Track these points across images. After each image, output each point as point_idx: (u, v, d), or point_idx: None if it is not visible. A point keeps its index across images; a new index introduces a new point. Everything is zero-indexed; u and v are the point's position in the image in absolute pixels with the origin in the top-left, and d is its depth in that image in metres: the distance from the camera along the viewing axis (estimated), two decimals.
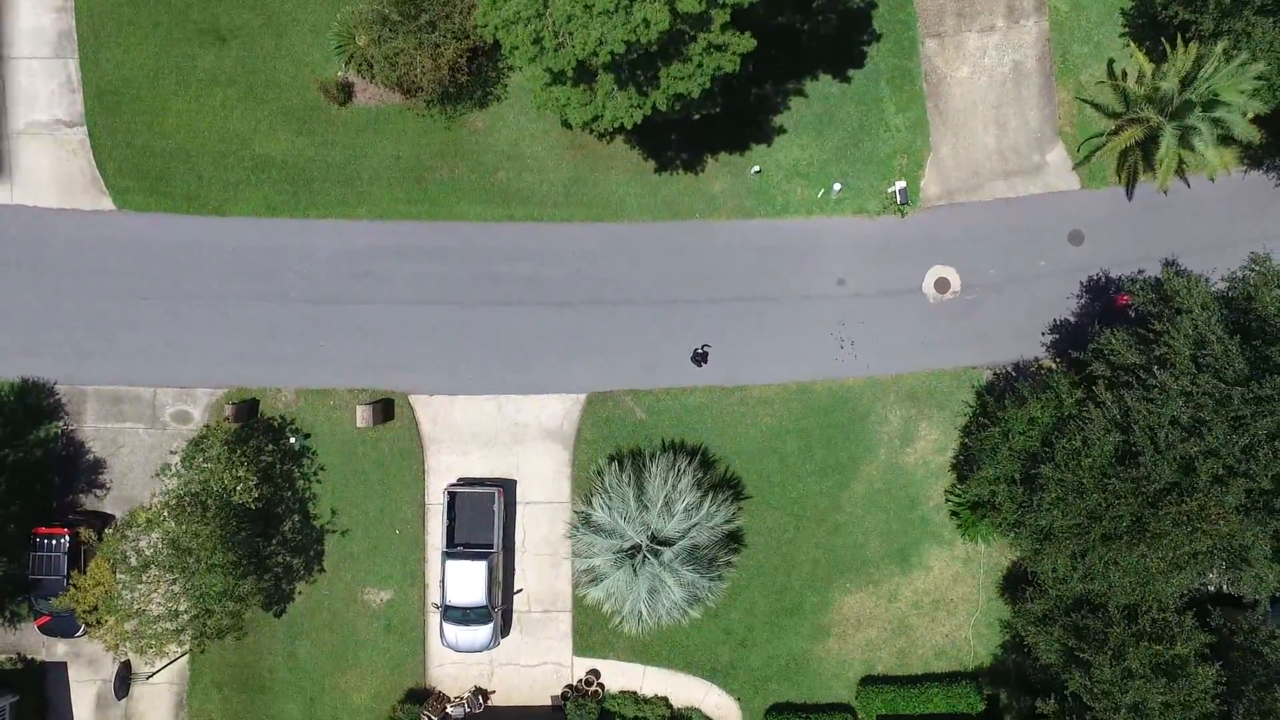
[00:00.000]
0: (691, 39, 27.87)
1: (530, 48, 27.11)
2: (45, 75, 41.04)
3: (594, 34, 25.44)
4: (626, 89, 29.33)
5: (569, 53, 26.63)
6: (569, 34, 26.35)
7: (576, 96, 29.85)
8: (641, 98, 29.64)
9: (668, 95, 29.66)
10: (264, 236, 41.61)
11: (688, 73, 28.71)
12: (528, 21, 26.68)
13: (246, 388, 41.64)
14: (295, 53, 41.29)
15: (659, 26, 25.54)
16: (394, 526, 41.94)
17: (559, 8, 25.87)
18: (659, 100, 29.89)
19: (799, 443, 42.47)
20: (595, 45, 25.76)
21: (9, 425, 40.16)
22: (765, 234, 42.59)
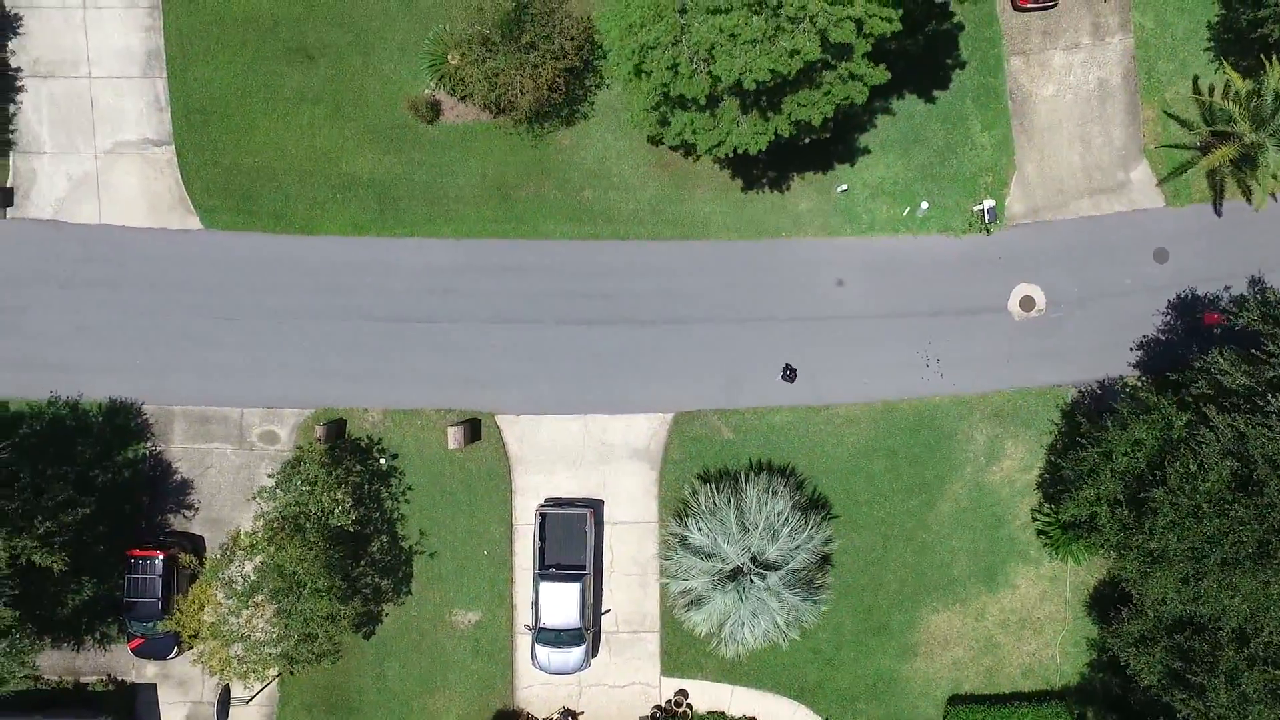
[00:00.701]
0: (829, 67, 27.72)
1: (665, 73, 26.87)
2: (133, 94, 40.80)
3: (739, 63, 25.23)
4: (750, 115, 29.16)
5: (702, 80, 26.42)
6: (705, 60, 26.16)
7: (701, 122, 29.65)
8: (764, 123, 29.47)
9: (789, 121, 29.52)
10: (350, 255, 41.41)
11: (814, 100, 28.55)
12: (666, 48, 26.45)
13: (333, 408, 41.44)
14: (383, 71, 41.11)
15: (807, 57, 25.40)
16: (481, 547, 41.76)
17: (700, 35, 25.64)
18: (780, 126, 29.74)
19: (886, 462, 42.37)
20: (740, 74, 25.55)
21: (98, 445, 39.92)
22: (851, 252, 42.48)
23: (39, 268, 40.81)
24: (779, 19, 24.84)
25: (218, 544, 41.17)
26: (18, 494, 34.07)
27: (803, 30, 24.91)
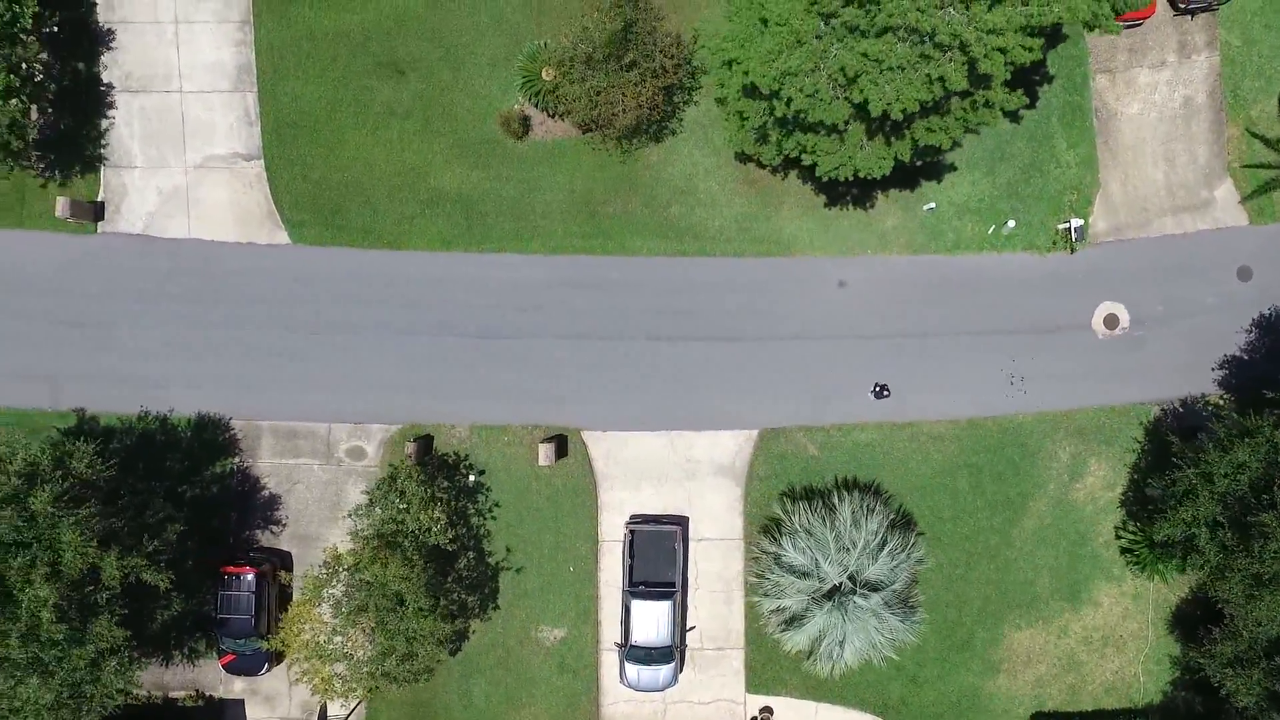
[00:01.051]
0: (967, 94, 27.71)
1: (803, 100, 26.75)
2: (224, 109, 40.73)
3: (888, 92, 25.09)
4: (875, 140, 29.12)
5: (842, 106, 26.30)
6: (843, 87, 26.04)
7: (824, 145, 29.57)
8: (887, 148, 29.47)
9: (914, 146, 29.50)
10: (437, 270, 41.35)
11: (945, 126, 28.54)
12: (806, 74, 26.32)
13: (420, 424, 41.36)
14: (472, 86, 41.05)
15: (955, 86, 25.34)
16: (567, 563, 41.70)
17: (844, 62, 25.50)
18: (902, 150, 29.72)
19: (970, 479, 42.36)
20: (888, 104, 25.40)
21: (186, 461, 39.81)
22: (936, 270, 42.46)
23: (129, 282, 40.72)
24: (924, 46, 24.77)
25: (305, 560, 41.26)
26: (121, 512, 33.94)
27: (949, 58, 24.83)
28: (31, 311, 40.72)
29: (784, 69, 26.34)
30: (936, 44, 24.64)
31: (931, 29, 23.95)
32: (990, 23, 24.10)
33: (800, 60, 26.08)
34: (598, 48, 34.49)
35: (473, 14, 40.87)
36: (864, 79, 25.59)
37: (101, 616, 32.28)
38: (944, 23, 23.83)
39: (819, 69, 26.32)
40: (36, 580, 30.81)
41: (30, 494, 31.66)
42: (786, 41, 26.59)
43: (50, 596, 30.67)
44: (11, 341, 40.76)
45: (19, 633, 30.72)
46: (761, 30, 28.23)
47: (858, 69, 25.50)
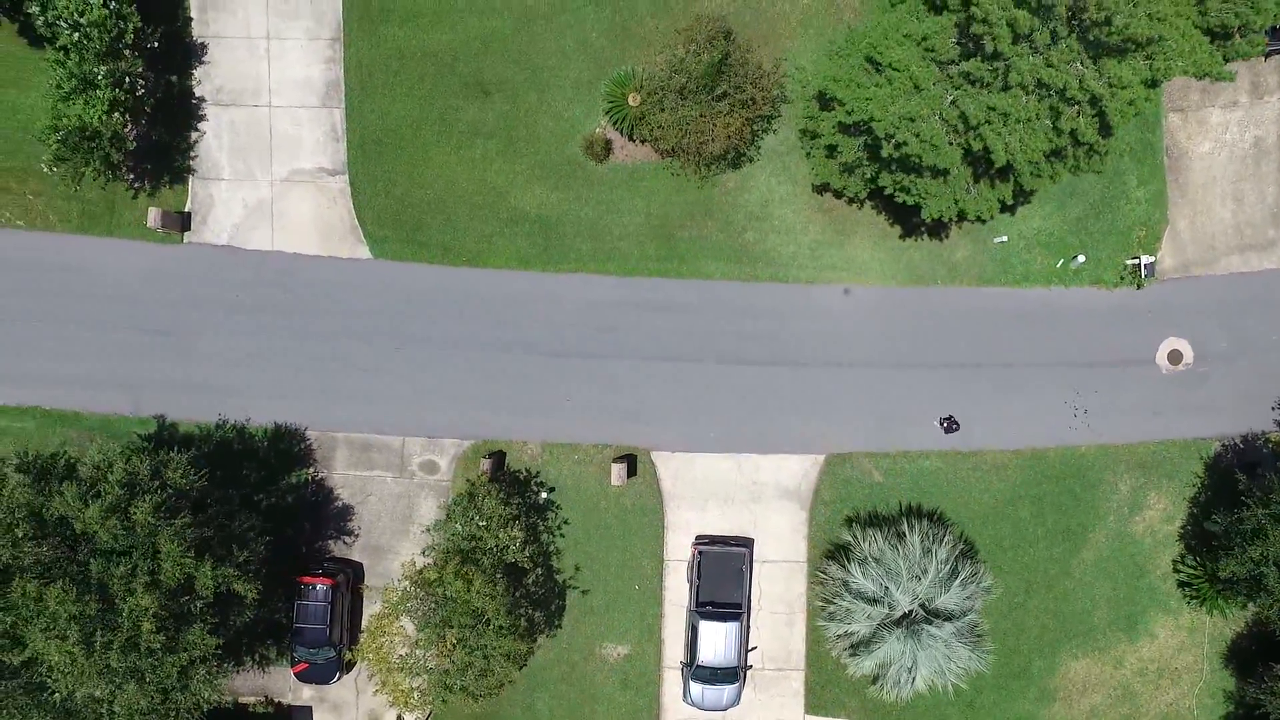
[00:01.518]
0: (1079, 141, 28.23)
1: (918, 145, 27.30)
2: (311, 124, 41.34)
3: (1012, 142, 25.61)
4: (981, 183, 29.64)
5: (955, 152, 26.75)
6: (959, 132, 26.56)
7: (929, 187, 30.13)
8: (991, 190, 29.98)
9: (1018, 189, 29.96)
10: (514, 288, 41.94)
11: (1053, 172, 29.07)
12: (924, 120, 26.86)
13: (493, 440, 41.92)
14: (556, 108, 41.63)
15: (1087, 139, 25.83)
16: (633, 581, 42.21)
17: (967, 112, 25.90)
18: (1005, 194, 30.24)
19: (1031, 509, 42.85)
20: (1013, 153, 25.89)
21: (262, 470, 40.40)
22: (1004, 301, 42.95)
23: (213, 292, 41.36)
24: (1052, 99, 25.31)
25: (375, 571, 41.84)
26: (211, 522, 34.48)
27: (1077, 112, 25.34)
28: (117, 319, 41.40)
29: (903, 113, 26.84)
30: (1066, 98, 25.17)
31: (1064, 84, 24.45)
32: (1122, 77, 24.60)
33: (919, 106, 26.58)
34: (692, 79, 35.02)
35: (559, 38, 41.51)
36: (986, 129, 26.12)
37: (195, 625, 32.83)
38: (1074, 78, 24.33)
39: (934, 114, 26.82)
40: (138, 589, 31.38)
41: (132, 503, 32.25)
42: (905, 87, 27.12)
43: (151, 605, 31.24)
44: (97, 348, 41.43)
45: (120, 642, 31.34)
46: (868, 71, 28.73)
47: (981, 118, 26.02)
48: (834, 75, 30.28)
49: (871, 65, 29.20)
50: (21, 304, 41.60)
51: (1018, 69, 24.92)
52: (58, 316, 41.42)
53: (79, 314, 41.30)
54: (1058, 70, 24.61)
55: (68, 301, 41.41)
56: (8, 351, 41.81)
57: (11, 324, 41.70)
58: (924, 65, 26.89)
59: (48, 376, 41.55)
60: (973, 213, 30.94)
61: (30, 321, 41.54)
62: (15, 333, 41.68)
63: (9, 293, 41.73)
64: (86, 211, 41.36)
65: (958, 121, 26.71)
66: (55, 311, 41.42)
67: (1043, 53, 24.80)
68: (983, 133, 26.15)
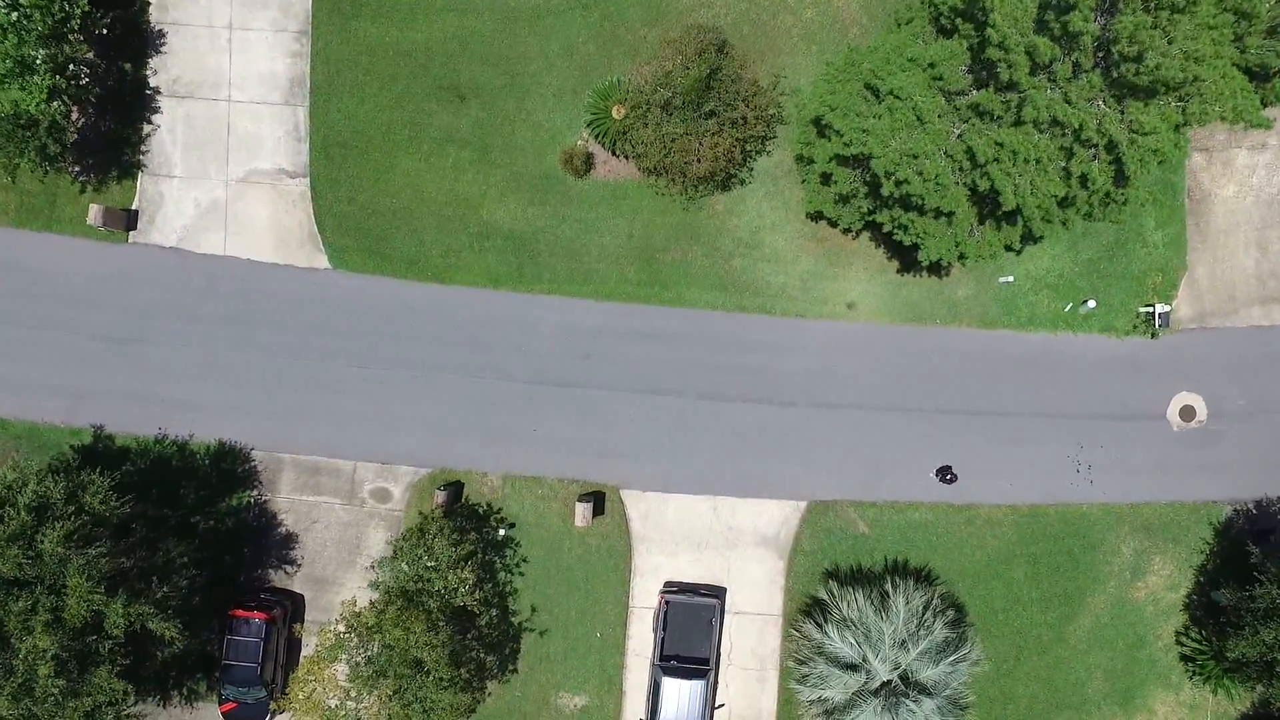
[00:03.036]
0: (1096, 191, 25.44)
1: (919, 183, 24.49)
2: (272, 122, 38.61)
3: (1022, 184, 22.83)
4: (986, 225, 26.83)
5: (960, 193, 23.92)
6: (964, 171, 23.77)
7: (929, 228, 27.33)
8: (996, 234, 27.20)
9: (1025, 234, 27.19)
10: (484, 308, 39.15)
11: (1064, 219, 26.26)
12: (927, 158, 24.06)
13: (452, 469, 39.13)
14: (535, 118, 38.87)
15: (1098, 187, 23.02)
16: (595, 628, 39.38)
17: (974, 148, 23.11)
18: (1011, 238, 27.46)
19: (1026, 569, 39.96)
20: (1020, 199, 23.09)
21: (202, 490, 37.64)
22: (1005, 345, 40.07)
23: (159, 297, 38.62)
24: (1066, 139, 22.49)
25: (318, 604, 39.05)
26: (131, 551, 31.69)
27: (1093, 156, 22.57)
28: (55, 321, 38.65)
29: (904, 150, 24.05)
30: (1082, 140, 22.36)
31: (1079, 124, 21.70)
32: (1145, 123, 21.89)
33: (923, 141, 23.79)
34: (678, 93, 32.29)
35: (542, 42, 38.77)
36: (994, 168, 23.33)
37: (102, 667, 29.94)
38: (1092, 118, 21.58)
39: (939, 151, 24.00)
40: (37, 628, 28.48)
41: (40, 531, 29.43)
42: (907, 119, 24.33)
43: (50, 647, 28.33)
44: (30, 350, 38.63)
45: (12, 688, 28.40)
46: (866, 99, 25.97)
47: (989, 156, 23.22)
48: (830, 102, 27.51)
49: (871, 92, 26.47)
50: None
51: (1034, 102, 22.13)
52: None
53: (11, 312, 38.55)
54: (1075, 108, 21.82)
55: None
56: None
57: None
58: (929, 95, 24.15)
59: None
60: (974, 257, 28.18)
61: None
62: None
63: None
64: (25, 204, 38.57)
65: (964, 158, 23.92)
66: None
67: (1062, 87, 22.03)
68: (990, 172, 23.37)
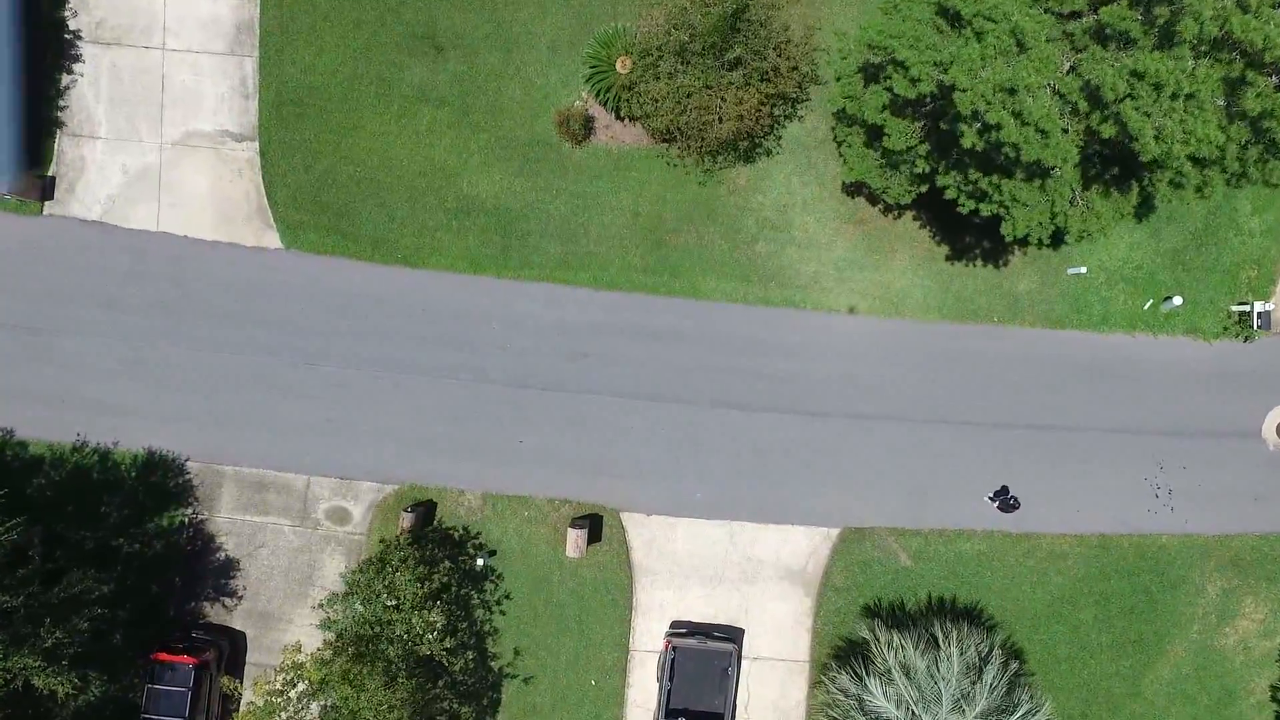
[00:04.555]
0: None
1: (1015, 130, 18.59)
2: (215, 75, 32.82)
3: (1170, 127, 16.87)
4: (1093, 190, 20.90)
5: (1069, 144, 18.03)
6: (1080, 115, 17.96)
7: (1025, 194, 21.47)
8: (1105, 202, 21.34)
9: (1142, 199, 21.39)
10: (461, 297, 33.37)
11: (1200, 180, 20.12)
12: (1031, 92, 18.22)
13: (423, 486, 33.34)
14: (526, 74, 33.13)
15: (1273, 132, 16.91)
16: (589, 675, 33.57)
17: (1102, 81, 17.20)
18: (1124, 207, 21.69)
19: (1095, 610, 34.22)
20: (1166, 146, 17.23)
21: (126, 508, 31.91)
22: (1076, 348, 34.38)
23: (79, 280, 32.85)
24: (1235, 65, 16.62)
25: (262, 644, 33.24)
26: (21, 585, 25.92)
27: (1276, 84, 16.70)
28: None
29: (999, 82, 18.16)
30: (1261, 64, 16.40)
31: (1263, 41, 15.84)
32: None
33: (1025, 72, 17.95)
34: (697, 36, 26.54)
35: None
36: (1127, 107, 17.48)
37: None
38: None
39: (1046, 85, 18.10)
40: None
41: None
42: (1002, 44, 18.49)
43: None
44: None
45: None
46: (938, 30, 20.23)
47: (1121, 91, 17.37)
48: (891, 31, 21.83)
49: (946, 19, 20.76)
50: None
51: (1194, 12, 16.31)
52: None
53: None
54: (1256, 19, 16.01)
55: None
56: None
57: None
58: (1032, 15, 18.41)
59: None
60: (1076, 232, 22.35)
61: None
62: None
63: None
64: None
65: (1079, 97, 18.13)
66: None
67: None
68: (1122, 112, 17.52)
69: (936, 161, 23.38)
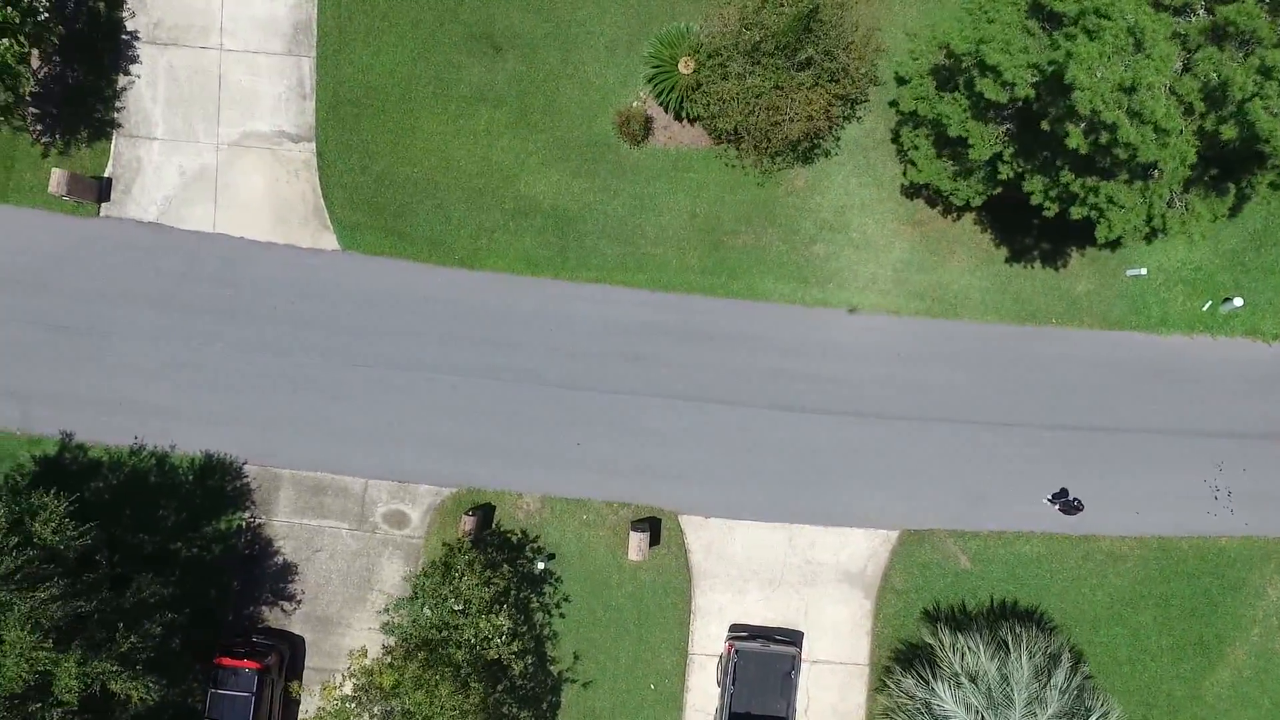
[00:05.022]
0: None
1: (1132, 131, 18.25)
2: (272, 75, 32.57)
3: None
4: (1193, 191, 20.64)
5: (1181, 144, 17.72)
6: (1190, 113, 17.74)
7: (1125, 196, 21.20)
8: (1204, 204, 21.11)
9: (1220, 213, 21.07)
10: (518, 299, 33.12)
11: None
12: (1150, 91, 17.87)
13: (480, 489, 33.14)
14: (584, 74, 32.90)
15: None
16: (648, 679, 33.36)
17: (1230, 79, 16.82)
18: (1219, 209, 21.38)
19: (1155, 612, 33.95)
20: None
21: (184, 512, 31.69)
22: (1134, 350, 34.11)
23: (134, 282, 32.56)
24: None
25: (321, 648, 32.98)
26: (93, 590, 25.72)
27: None
28: (7, 309, 32.56)
29: (1119, 81, 17.93)
30: None
31: None
32: None
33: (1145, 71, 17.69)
34: (770, 36, 26.31)
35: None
36: (1255, 106, 17.29)
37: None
38: None
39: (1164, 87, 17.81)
40: None
41: None
42: (1119, 43, 18.25)
43: None
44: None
45: None
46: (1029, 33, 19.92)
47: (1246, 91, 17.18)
48: (977, 35, 21.54)
49: (1041, 21, 20.47)
50: None
51: None
52: None
53: None
54: None
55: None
56: None
57: None
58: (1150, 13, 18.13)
59: None
60: (1177, 235, 22.19)
61: None
62: None
63: None
64: None
65: (1195, 97, 17.91)
66: None
67: None
68: (1250, 111, 17.34)
69: (1022, 166, 23.17)
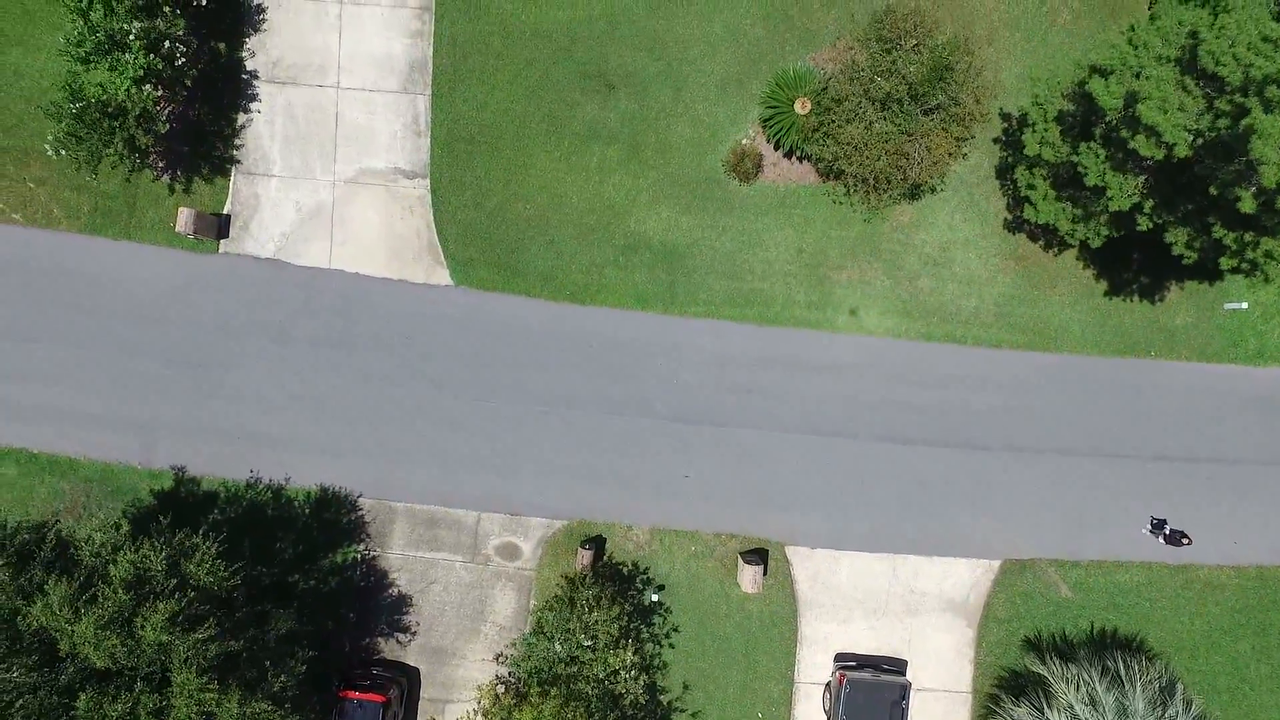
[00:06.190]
0: None
1: None
2: (388, 113, 33.01)
3: None
4: None
5: None
6: None
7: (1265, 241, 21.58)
8: None
9: None
10: (628, 334, 33.53)
11: None
12: None
13: (590, 521, 33.57)
14: (695, 111, 33.29)
15: None
16: (756, 707, 33.78)
17: None
18: None
19: (1254, 641, 34.38)
20: None
21: (301, 544, 32.10)
22: (1234, 383, 34.56)
23: (252, 316, 32.95)
24: None
25: (435, 679, 33.35)
26: (240, 629, 26.03)
27: None
28: (129, 343, 32.95)
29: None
30: None
31: None
32: None
33: None
34: (911, 85, 26.62)
35: (704, 23, 33.19)
36: None
37: None
38: None
39: None
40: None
41: (138, 612, 23.81)
42: None
43: None
44: (102, 377, 32.89)
45: None
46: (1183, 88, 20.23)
47: None
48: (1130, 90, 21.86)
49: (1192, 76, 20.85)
50: (11, 317, 33.18)
51: None
52: (55, 335, 32.93)
53: (81, 334, 32.86)
54: None
55: (69, 317, 32.89)
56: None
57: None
58: None
59: (38, 410, 33.02)
60: None
61: (20, 340, 33.02)
62: (1, 352, 33.54)
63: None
64: (100, 207, 32.97)
65: None
66: (52, 329, 32.91)
67: None
68: None
69: (1163, 217, 23.56)
